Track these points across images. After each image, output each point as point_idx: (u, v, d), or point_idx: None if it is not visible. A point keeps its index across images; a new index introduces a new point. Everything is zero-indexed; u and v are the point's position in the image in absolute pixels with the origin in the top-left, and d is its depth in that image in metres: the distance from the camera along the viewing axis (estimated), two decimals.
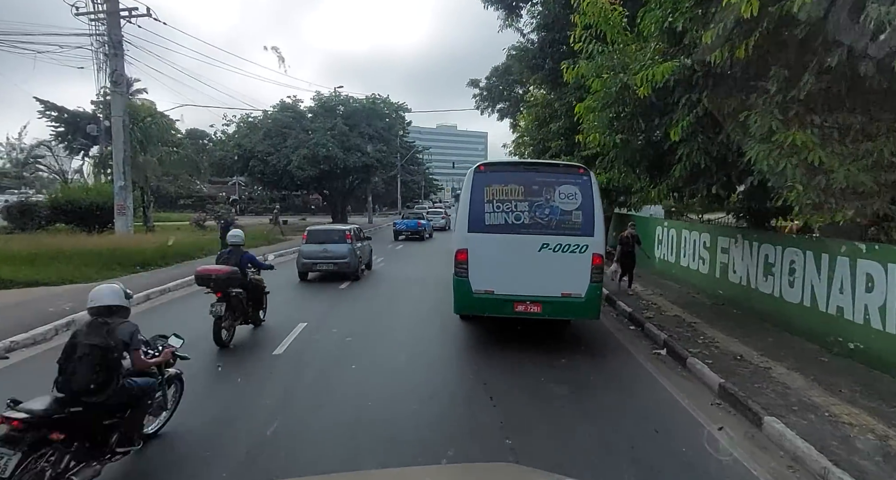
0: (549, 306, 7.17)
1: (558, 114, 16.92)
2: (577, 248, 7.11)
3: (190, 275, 12.89)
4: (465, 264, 7.35)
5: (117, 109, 16.57)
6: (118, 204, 16.70)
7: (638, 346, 7.70)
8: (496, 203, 7.33)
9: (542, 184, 7.30)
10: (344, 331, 8.22)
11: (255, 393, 5.62)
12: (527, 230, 7.23)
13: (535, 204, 7.26)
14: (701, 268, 10.62)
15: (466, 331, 8.29)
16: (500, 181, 7.40)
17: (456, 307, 7.58)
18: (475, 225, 7.33)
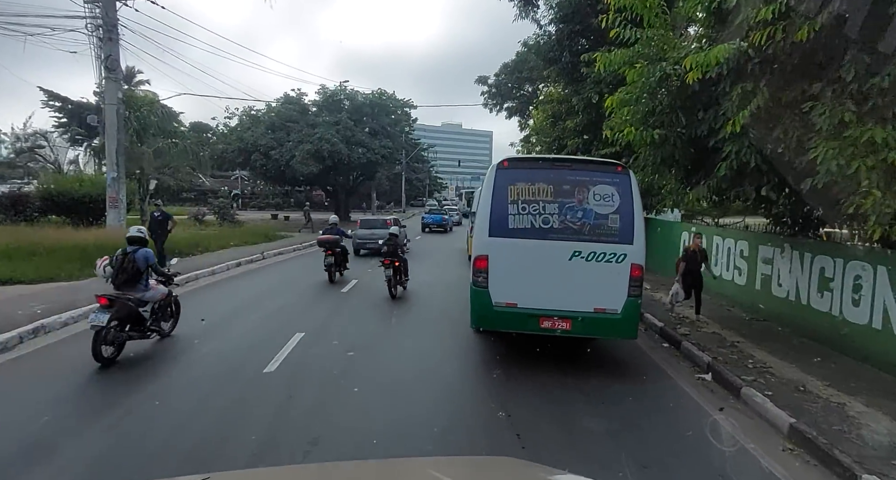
0: (580, 323, 6.28)
1: (575, 110, 16.02)
2: (614, 257, 6.22)
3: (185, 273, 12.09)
4: (485, 273, 6.47)
5: (111, 97, 15.69)
6: (110, 196, 15.82)
7: (677, 369, 6.80)
8: (521, 204, 6.44)
9: (575, 184, 6.41)
10: (346, 343, 7.35)
11: (236, 424, 4.74)
12: (556, 235, 6.34)
13: (566, 206, 6.37)
14: (737, 279, 9.71)
15: (482, 344, 7.41)
16: (526, 179, 6.51)
17: (473, 320, 6.70)
18: (497, 228, 6.44)
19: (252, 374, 6.00)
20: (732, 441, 4.73)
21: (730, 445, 4.67)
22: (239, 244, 18.73)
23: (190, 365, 6.31)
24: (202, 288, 11.41)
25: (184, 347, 6.99)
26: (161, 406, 5.08)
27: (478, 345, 7.43)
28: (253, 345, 7.13)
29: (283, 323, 8.39)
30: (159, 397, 5.30)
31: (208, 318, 8.61)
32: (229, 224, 25.77)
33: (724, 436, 4.82)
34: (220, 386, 5.64)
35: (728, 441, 4.74)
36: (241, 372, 6.06)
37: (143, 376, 5.88)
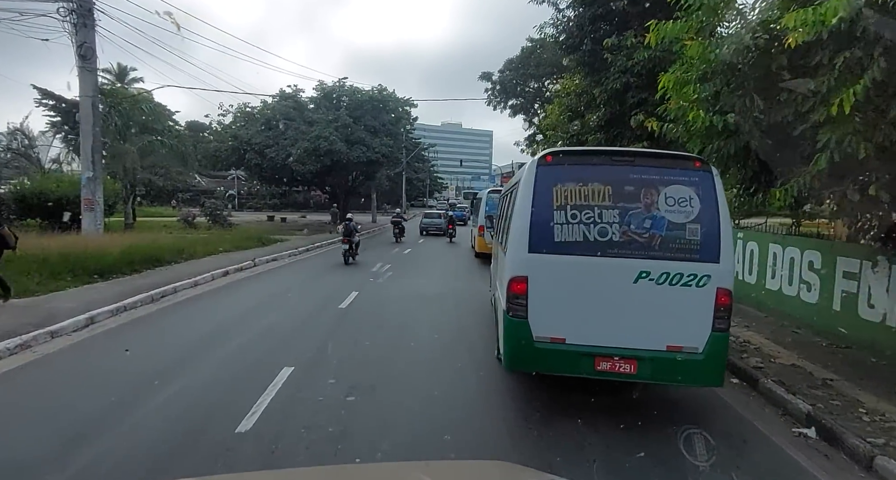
0: (649, 364, 4.84)
1: (597, 103, 14.57)
2: (694, 280, 4.78)
3: (163, 285, 10.66)
4: (524, 299, 5.02)
5: (86, 88, 14.26)
6: (85, 198, 14.41)
7: (763, 418, 5.36)
8: (571, 210, 5.00)
9: (641, 184, 4.97)
10: (345, 382, 5.90)
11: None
12: (617, 251, 4.91)
13: (630, 212, 4.93)
14: (805, 296, 8.27)
15: (509, 383, 5.96)
16: (576, 178, 5.07)
17: (508, 360, 5.25)
18: (539, 242, 5.00)
19: (220, 436, 4.53)
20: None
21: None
22: (229, 249, 17.28)
23: (138, 424, 4.84)
24: (181, 304, 9.93)
25: (138, 391, 5.52)
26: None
27: (505, 383, 5.98)
28: (227, 387, 5.68)
29: (267, 352, 6.94)
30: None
31: (181, 342, 7.20)
32: (221, 227, 24.30)
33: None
34: (174, 458, 4.18)
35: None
36: (206, 433, 4.59)
37: (62, 448, 4.41)
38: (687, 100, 6.50)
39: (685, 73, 6.47)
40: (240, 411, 4.98)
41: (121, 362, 6.51)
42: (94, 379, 5.97)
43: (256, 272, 14.52)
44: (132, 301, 9.19)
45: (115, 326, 8.04)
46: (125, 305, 8.93)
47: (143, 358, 6.59)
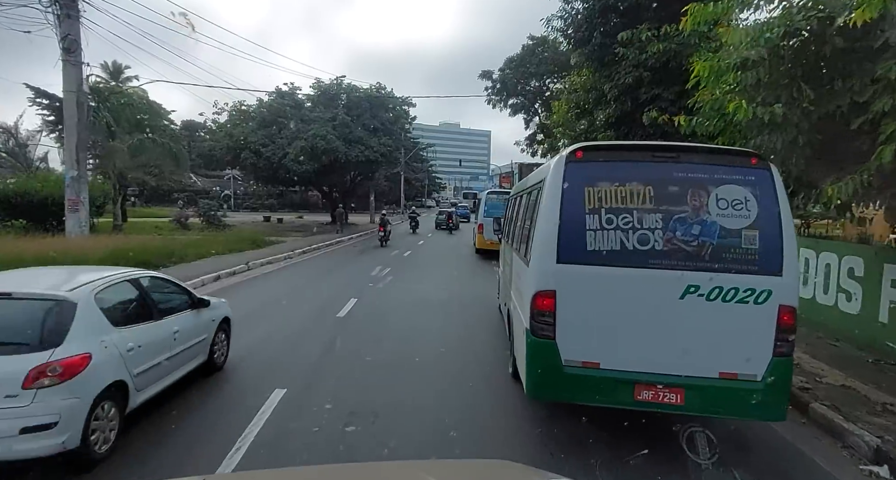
0: (698, 394, 4.16)
1: (607, 99, 13.91)
2: (751, 296, 4.10)
3: None
4: (551, 317, 4.34)
5: (70, 83, 13.51)
6: (69, 198, 13.65)
7: (821, 451, 4.69)
8: (606, 214, 4.32)
9: (687, 184, 4.29)
10: (343, 406, 5.21)
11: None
12: (660, 261, 4.23)
13: (675, 217, 4.25)
14: (844, 306, 7.61)
15: (531, 409, 5.27)
16: (611, 177, 4.39)
17: (531, 387, 4.56)
18: (569, 251, 4.32)
19: (205, 472, 3.85)
20: None
21: None
22: (222, 252, 16.56)
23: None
24: None
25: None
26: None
27: (525, 408, 5.28)
28: (210, 416, 4.98)
29: (258, 370, 6.24)
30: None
31: None
32: (215, 228, 23.56)
33: None
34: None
35: None
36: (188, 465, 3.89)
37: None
38: (724, 91, 5.80)
39: (723, 61, 5.78)
40: (221, 448, 4.28)
41: None
42: None
43: (250, 276, 13.80)
44: None
45: None
46: None
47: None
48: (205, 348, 5.82)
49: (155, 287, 5.33)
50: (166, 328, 5.04)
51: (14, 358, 3.62)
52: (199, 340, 5.66)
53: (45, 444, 3.55)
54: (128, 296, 4.84)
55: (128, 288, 4.87)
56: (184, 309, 5.51)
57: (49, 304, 4.02)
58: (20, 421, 3.47)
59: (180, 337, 5.21)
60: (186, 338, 5.35)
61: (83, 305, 4.07)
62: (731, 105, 5.45)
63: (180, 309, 5.44)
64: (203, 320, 5.78)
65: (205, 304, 5.86)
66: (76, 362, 3.75)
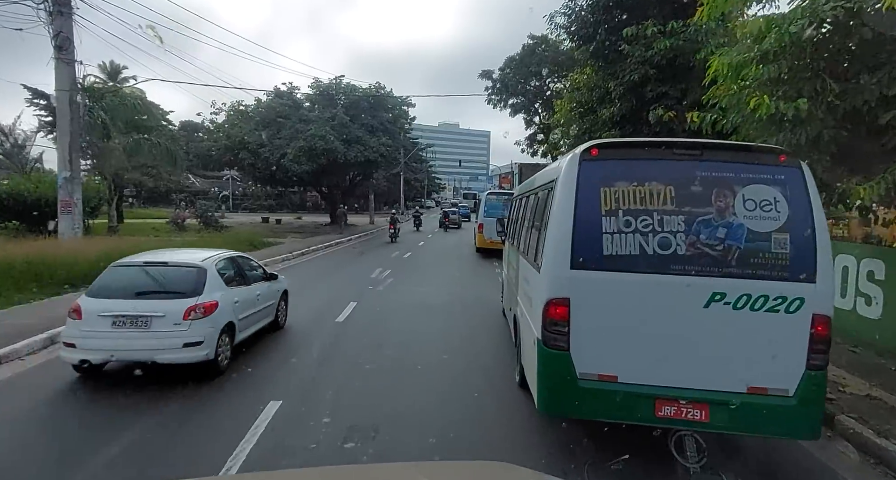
0: (725, 411, 3.86)
1: (611, 97, 13.63)
2: (782, 304, 3.81)
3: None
4: (565, 326, 4.05)
5: (63, 81, 13.20)
6: (62, 199, 13.34)
7: (853, 469, 4.39)
8: (624, 216, 4.03)
9: (711, 183, 4.00)
10: (341, 420, 4.91)
11: None
12: (683, 267, 3.94)
13: (699, 219, 3.96)
14: (863, 310, 7.32)
15: (541, 421, 4.97)
16: (629, 176, 4.10)
17: (544, 402, 4.26)
18: (584, 256, 4.03)
19: None
20: None
21: None
22: None
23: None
24: None
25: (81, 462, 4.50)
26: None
27: (535, 421, 4.98)
28: (200, 432, 4.67)
29: (252, 380, 5.94)
30: None
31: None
32: (212, 229, 23.24)
33: None
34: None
35: None
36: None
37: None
38: (742, 86, 5.50)
39: (742, 55, 5.49)
40: (220, 456, 3.99)
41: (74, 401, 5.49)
42: (29, 438, 4.69)
43: None
44: None
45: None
46: None
47: (103, 397, 5.57)
48: (272, 311, 7.80)
49: (244, 262, 7.39)
50: (253, 291, 7.06)
51: (176, 301, 5.69)
52: (270, 304, 7.67)
53: (196, 354, 5.64)
54: (231, 267, 6.86)
55: (231, 262, 6.91)
56: (261, 279, 7.50)
57: (192, 269, 6.14)
58: (183, 339, 5.56)
59: (260, 299, 7.24)
60: (264, 300, 7.38)
61: (210, 271, 6.16)
62: (751, 100, 5.15)
63: (259, 280, 7.43)
64: (272, 289, 7.80)
65: (274, 278, 7.91)
66: (211, 305, 5.84)
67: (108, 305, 5.56)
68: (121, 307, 5.55)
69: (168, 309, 5.59)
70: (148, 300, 5.71)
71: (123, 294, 5.71)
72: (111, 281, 5.96)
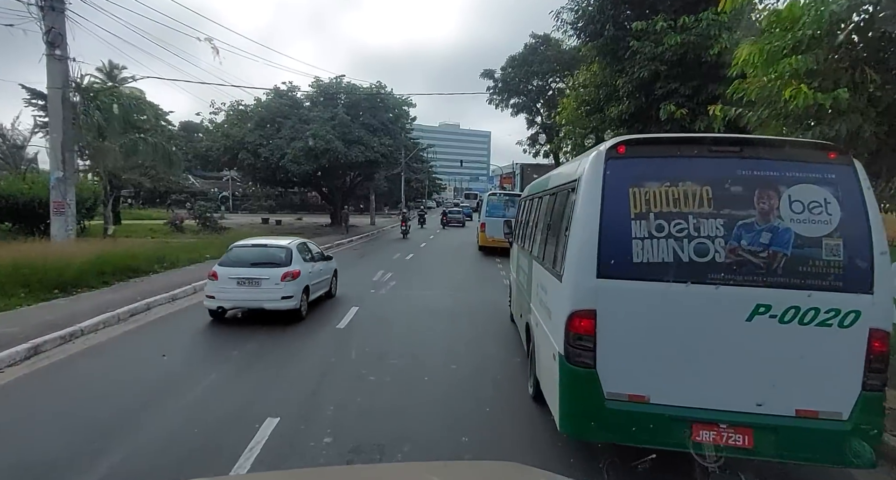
0: (771, 436, 3.48)
1: (619, 95, 13.24)
2: (835, 317, 3.43)
3: (134, 300, 9.26)
4: (591, 341, 3.67)
5: (55, 79, 12.84)
6: (54, 201, 12.97)
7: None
8: (656, 220, 3.65)
9: (753, 183, 3.62)
10: (344, 439, 4.53)
11: None
12: (722, 276, 3.56)
13: (740, 223, 3.58)
14: None
15: (562, 443, 4.58)
16: (660, 175, 3.73)
17: (567, 423, 3.88)
18: (612, 263, 3.65)
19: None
20: None
21: None
22: (216, 256, 15.76)
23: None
24: (151, 325, 8.51)
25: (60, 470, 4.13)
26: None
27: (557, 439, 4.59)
28: (190, 453, 4.29)
29: (248, 395, 5.54)
30: None
31: (140, 382, 5.80)
32: (211, 230, 22.86)
33: None
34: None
35: None
36: None
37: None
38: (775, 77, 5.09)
39: (774, 43, 5.09)
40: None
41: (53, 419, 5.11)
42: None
43: None
44: (93, 323, 7.77)
45: (62, 358, 6.60)
46: (83, 328, 7.51)
47: (84, 408, 5.19)
48: (328, 283, 10.47)
49: (311, 246, 10.00)
50: (317, 266, 9.67)
51: (275, 269, 8.31)
52: (327, 277, 10.38)
53: (289, 304, 8.28)
54: (304, 249, 9.47)
55: (303, 245, 9.60)
56: (321, 259, 10.12)
57: (282, 248, 8.77)
58: (281, 294, 8.18)
59: (322, 272, 9.91)
60: (324, 274, 10.08)
61: (294, 250, 8.82)
62: (787, 91, 4.75)
63: (320, 259, 10.06)
64: (328, 267, 10.52)
65: (329, 259, 10.66)
66: (297, 272, 8.42)
67: (234, 271, 8.36)
68: (241, 272, 8.34)
69: (271, 274, 8.32)
70: (258, 268, 8.43)
71: (242, 263, 8.54)
72: (234, 256, 8.81)
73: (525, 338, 6.36)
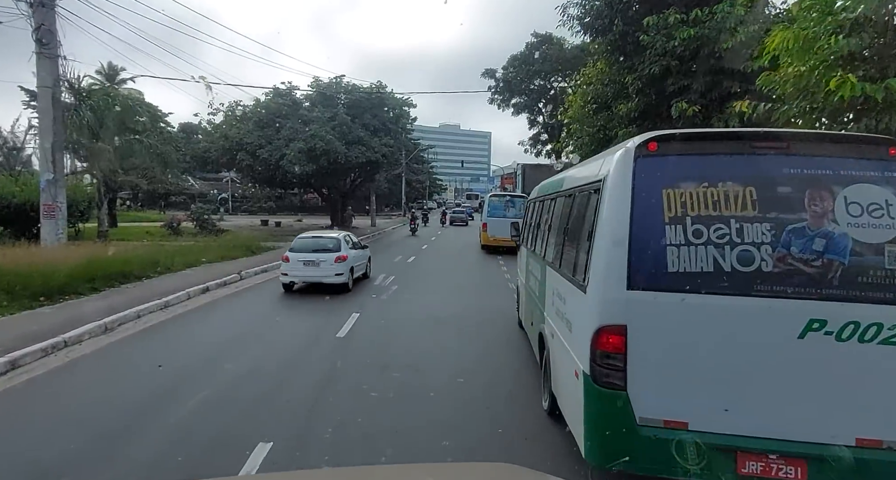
0: (826, 468, 3.07)
1: (628, 92, 12.84)
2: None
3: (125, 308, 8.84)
4: (622, 360, 3.27)
5: (45, 77, 12.43)
6: (45, 204, 12.57)
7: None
8: (693, 225, 3.24)
9: (804, 183, 3.22)
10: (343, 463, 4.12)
11: None
12: (770, 288, 3.16)
13: (789, 227, 3.18)
14: None
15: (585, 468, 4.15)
16: (697, 174, 3.33)
17: (593, 452, 3.47)
18: (645, 273, 3.25)
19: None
20: None
21: None
22: (213, 260, 15.44)
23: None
24: (140, 334, 8.07)
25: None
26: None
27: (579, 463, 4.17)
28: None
29: (238, 416, 5.10)
30: None
31: (122, 400, 5.38)
32: (209, 233, 22.44)
33: None
34: None
35: None
36: None
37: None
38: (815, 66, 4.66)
39: (811, 28, 4.66)
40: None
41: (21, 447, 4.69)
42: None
43: (242, 287, 12.69)
44: (77, 333, 7.35)
45: (41, 373, 6.16)
46: (66, 339, 7.09)
47: (57, 435, 4.77)
48: (364, 267, 13.34)
49: (352, 238, 12.99)
50: (357, 253, 12.49)
51: (331, 253, 11.46)
52: (364, 262, 13.29)
53: (341, 279, 11.38)
54: (349, 239, 12.51)
55: (348, 236, 12.70)
56: (360, 248, 13.09)
57: (334, 238, 12.03)
58: (335, 272, 11.28)
59: (361, 257, 12.91)
60: (362, 259, 13.09)
61: (342, 239, 11.97)
62: (832, 81, 4.32)
63: (360, 247, 13.07)
64: (365, 253, 13.47)
65: (365, 247, 13.75)
66: (345, 256, 11.48)
67: (300, 256, 11.39)
68: (306, 256, 11.34)
69: (327, 257, 11.35)
70: (318, 253, 11.42)
71: (306, 250, 11.55)
72: (299, 244, 11.88)
73: (537, 348, 5.95)
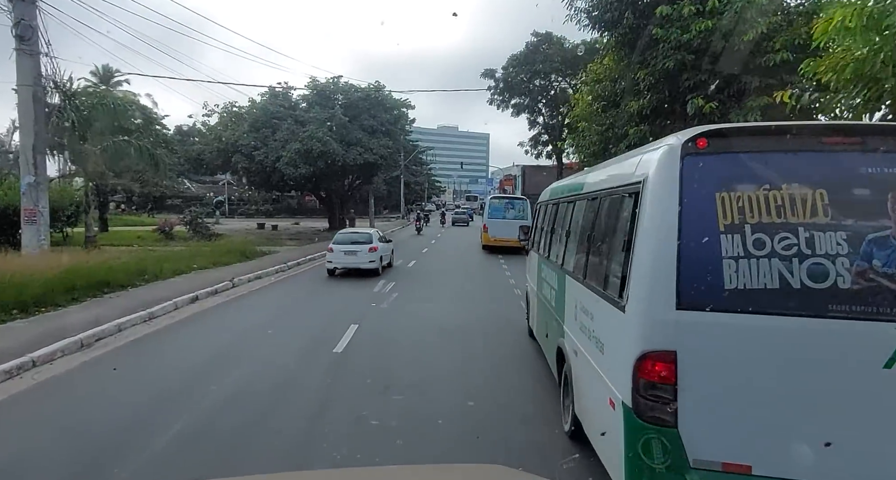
0: None
1: (639, 89, 12.30)
2: None
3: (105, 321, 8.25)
4: (671, 391, 2.73)
5: (25, 75, 11.86)
6: (25, 208, 11.98)
7: None
8: (754, 234, 2.71)
9: (885, 184, 2.68)
10: None
11: None
12: (848, 308, 2.61)
13: (870, 237, 2.64)
14: None
15: None
16: (756, 176, 2.79)
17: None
18: (696, 290, 2.71)
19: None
20: None
21: None
22: (205, 266, 14.86)
23: None
24: (119, 351, 7.37)
25: None
26: None
27: None
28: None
29: (222, 449, 4.48)
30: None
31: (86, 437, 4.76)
32: (202, 237, 21.86)
33: None
34: None
35: None
36: None
37: None
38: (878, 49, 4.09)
39: (877, 2, 4.05)
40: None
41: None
42: None
43: (234, 295, 12.07)
44: (48, 351, 6.73)
45: (2, 399, 5.57)
46: (34, 359, 6.46)
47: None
48: (389, 256, 16.76)
49: (381, 233, 17.11)
50: (384, 245, 16.24)
51: (365, 245, 15.16)
52: (389, 253, 16.86)
53: (374, 266, 15.06)
54: (378, 234, 16.45)
55: (377, 232, 16.91)
56: (386, 241, 16.83)
57: (368, 233, 16.19)
58: (369, 259, 14.89)
59: (388, 248, 16.71)
60: (387, 251, 16.62)
61: (374, 234, 16.08)
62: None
63: (386, 241, 16.88)
64: (390, 246, 17.13)
65: (390, 241, 17.54)
66: (377, 247, 15.19)
67: (342, 247, 14.68)
68: (347, 247, 14.64)
69: (363, 248, 14.59)
70: (355, 245, 14.69)
71: (346, 242, 14.88)
72: (340, 238, 15.24)
73: (555, 363, 5.42)
